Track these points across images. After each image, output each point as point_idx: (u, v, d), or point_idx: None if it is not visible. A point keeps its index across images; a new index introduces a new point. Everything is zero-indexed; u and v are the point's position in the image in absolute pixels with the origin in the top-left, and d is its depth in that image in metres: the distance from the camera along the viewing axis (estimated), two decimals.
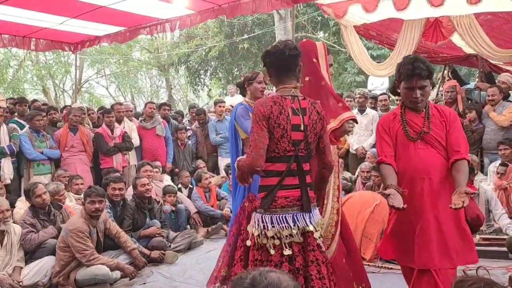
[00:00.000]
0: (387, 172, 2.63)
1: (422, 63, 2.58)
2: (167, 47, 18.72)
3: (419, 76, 2.55)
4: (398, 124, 2.70)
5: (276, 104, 2.37)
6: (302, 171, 2.42)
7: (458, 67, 8.63)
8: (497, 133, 5.93)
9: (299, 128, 2.39)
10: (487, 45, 6.10)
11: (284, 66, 2.47)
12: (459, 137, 2.61)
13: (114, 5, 6.63)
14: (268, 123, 2.35)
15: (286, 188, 2.39)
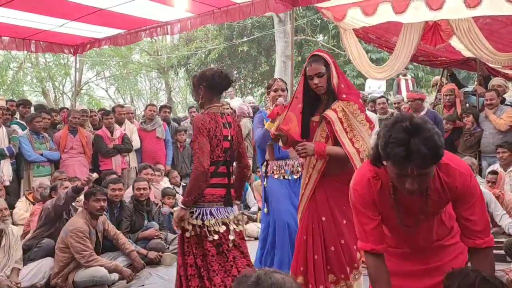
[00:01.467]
0: (379, 272, 1.95)
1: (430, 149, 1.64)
2: (167, 50, 18.75)
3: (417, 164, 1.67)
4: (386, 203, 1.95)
5: (212, 119, 2.94)
6: (230, 173, 3.04)
7: (457, 70, 8.64)
8: (495, 137, 5.94)
9: (228, 138, 3.00)
10: (486, 48, 6.11)
11: (216, 89, 3.00)
12: (476, 213, 1.87)
13: (114, 8, 6.64)
14: (208, 135, 2.89)
15: (214, 186, 2.95)
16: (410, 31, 6.44)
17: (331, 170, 2.87)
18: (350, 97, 2.85)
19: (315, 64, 2.83)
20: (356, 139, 2.77)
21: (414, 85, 10.81)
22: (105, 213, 4.73)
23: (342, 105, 2.82)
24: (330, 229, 2.89)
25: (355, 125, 2.79)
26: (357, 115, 2.81)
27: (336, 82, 2.84)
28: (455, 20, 6.08)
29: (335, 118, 2.79)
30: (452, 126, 6.32)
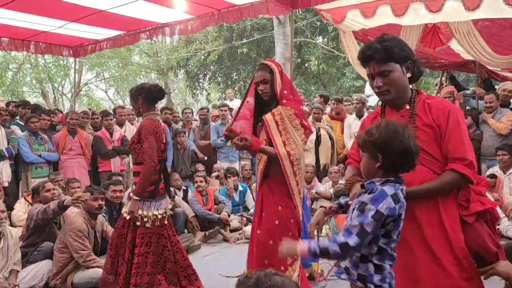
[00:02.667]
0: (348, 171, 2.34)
1: (381, 43, 2.04)
2: (166, 51, 18.75)
3: (375, 60, 2.04)
4: None
5: (157, 126, 3.47)
6: (166, 170, 3.70)
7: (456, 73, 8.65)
8: (495, 139, 5.95)
9: (163, 141, 3.53)
10: (485, 51, 6.13)
11: (154, 99, 3.54)
12: (458, 142, 1.97)
13: (114, 9, 6.64)
14: (155, 137, 3.38)
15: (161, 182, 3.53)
16: (410, 34, 6.45)
17: (270, 171, 3.08)
18: (289, 102, 3.08)
19: (261, 72, 3.11)
20: (289, 142, 2.98)
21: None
22: (104, 215, 4.73)
23: (281, 109, 3.05)
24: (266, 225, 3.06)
25: (289, 129, 3.02)
26: (292, 120, 3.04)
27: (279, 89, 3.08)
28: (454, 23, 6.10)
29: (271, 120, 3.02)
30: None
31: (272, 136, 2.99)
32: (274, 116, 3.02)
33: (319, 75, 16.51)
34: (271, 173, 3.08)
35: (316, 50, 15.35)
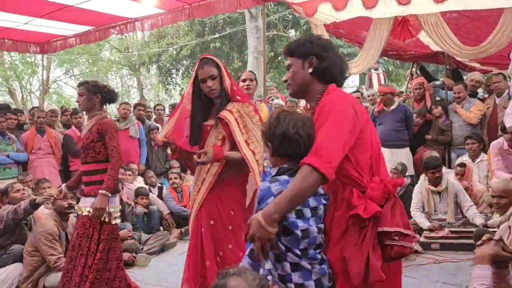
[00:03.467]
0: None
1: (294, 41, 2.11)
2: (138, 47, 18.46)
3: (283, 55, 2.17)
4: None
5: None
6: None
7: (426, 64, 8.80)
8: (464, 129, 6.09)
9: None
10: (453, 42, 6.23)
11: (110, 101, 3.57)
12: (320, 136, 1.81)
13: (82, 4, 6.48)
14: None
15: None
16: (380, 26, 6.51)
17: (227, 173, 2.86)
18: (244, 99, 2.90)
19: (207, 67, 2.81)
20: (251, 141, 2.79)
21: (386, 79, 10.99)
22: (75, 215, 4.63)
23: (237, 106, 2.83)
24: (219, 233, 2.86)
25: (250, 126, 2.82)
26: (252, 117, 2.84)
27: (228, 84, 2.85)
28: (423, 15, 6.18)
29: (232, 118, 2.79)
30: (422, 120, 6.43)
31: (235, 135, 2.78)
32: (233, 113, 2.81)
33: None
34: (226, 176, 2.87)
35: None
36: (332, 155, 1.74)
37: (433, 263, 4.28)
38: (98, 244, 3.35)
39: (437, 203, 5.14)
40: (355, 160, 1.87)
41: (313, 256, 1.78)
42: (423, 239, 4.77)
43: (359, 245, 1.83)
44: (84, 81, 3.65)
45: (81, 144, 3.45)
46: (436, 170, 5.05)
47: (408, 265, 4.25)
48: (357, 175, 1.87)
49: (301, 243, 1.75)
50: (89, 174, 3.45)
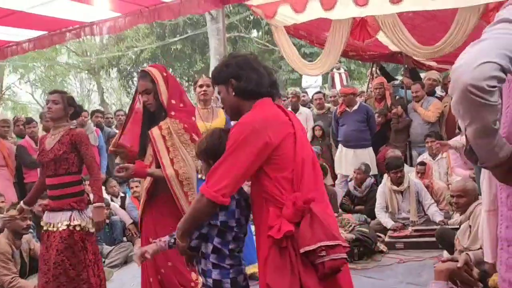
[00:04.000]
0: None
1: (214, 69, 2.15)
2: (96, 50, 17.97)
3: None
4: None
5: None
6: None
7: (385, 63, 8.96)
8: (423, 127, 6.22)
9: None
10: (410, 42, 6.35)
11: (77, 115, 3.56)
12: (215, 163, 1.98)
13: (32, 9, 6.21)
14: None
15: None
16: (339, 28, 6.55)
17: (158, 190, 2.77)
18: (179, 114, 2.77)
19: (141, 81, 2.81)
20: (177, 160, 2.68)
21: (348, 78, 11.13)
22: (31, 231, 4.42)
23: (169, 122, 2.74)
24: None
25: (177, 145, 2.72)
26: (181, 135, 2.74)
27: (166, 98, 2.76)
28: (381, 16, 6.26)
29: (158, 135, 2.71)
30: (384, 120, 6.52)
31: (159, 154, 2.68)
32: (161, 130, 2.71)
33: None
34: (159, 192, 2.77)
35: (251, 44, 15.35)
36: (220, 181, 1.81)
37: (398, 263, 4.32)
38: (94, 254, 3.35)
39: (400, 202, 5.21)
40: (274, 177, 1.85)
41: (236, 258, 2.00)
42: (388, 239, 4.82)
43: (281, 269, 1.80)
44: (59, 90, 3.52)
45: (52, 156, 3.24)
46: (398, 170, 5.12)
47: (374, 266, 4.30)
48: (277, 192, 1.85)
49: (230, 246, 1.97)
50: (61, 187, 3.29)
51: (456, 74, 1.18)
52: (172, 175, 2.65)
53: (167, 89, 2.77)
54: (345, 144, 6.28)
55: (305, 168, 1.88)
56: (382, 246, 4.68)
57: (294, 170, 1.86)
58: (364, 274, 4.09)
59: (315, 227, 1.78)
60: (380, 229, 5.05)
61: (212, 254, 1.97)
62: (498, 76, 1.13)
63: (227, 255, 1.97)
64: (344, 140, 6.28)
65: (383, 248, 4.66)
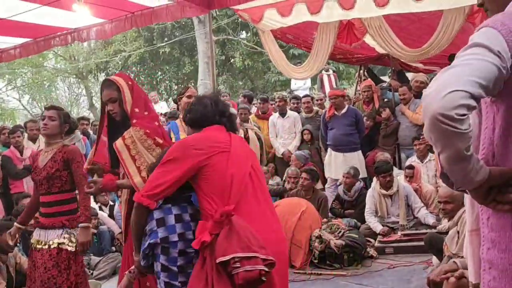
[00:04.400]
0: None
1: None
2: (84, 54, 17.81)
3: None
4: None
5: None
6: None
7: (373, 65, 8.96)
8: (411, 130, 6.21)
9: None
10: (397, 45, 6.35)
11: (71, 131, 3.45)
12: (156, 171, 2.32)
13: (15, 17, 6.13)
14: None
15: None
16: (326, 31, 6.54)
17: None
18: (140, 122, 2.79)
19: (106, 90, 2.83)
20: (144, 167, 2.68)
21: (336, 79, 11.14)
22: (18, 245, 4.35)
23: (132, 131, 2.75)
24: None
25: (142, 152, 2.72)
26: (143, 141, 2.74)
27: (129, 107, 2.78)
28: (367, 19, 6.26)
29: (121, 145, 2.72)
30: (372, 123, 6.52)
31: (124, 164, 2.70)
32: (125, 140, 2.72)
33: (245, 70, 16.50)
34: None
35: (239, 47, 15.31)
36: (148, 187, 2.13)
37: (388, 268, 4.31)
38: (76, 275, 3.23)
39: (389, 206, 5.21)
40: (206, 192, 2.09)
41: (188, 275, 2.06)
42: (377, 243, 4.81)
43: (198, 277, 1.98)
44: (54, 106, 3.51)
45: (45, 174, 3.19)
46: (386, 174, 5.11)
47: (364, 272, 4.28)
48: (207, 206, 2.06)
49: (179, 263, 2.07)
50: (55, 205, 3.24)
51: (426, 102, 1.17)
52: (140, 183, 2.63)
53: (132, 97, 2.78)
54: (334, 148, 6.27)
55: (235, 183, 2.07)
56: (372, 251, 4.67)
57: (224, 183, 2.07)
58: (354, 281, 4.09)
59: (231, 239, 1.93)
60: (370, 233, 5.04)
61: (163, 273, 2.06)
62: (467, 104, 1.12)
63: (177, 271, 2.04)
64: (333, 144, 6.27)
65: (373, 253, 4.65)
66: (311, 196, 5.43)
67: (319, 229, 4.64)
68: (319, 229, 4.64)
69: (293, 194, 5.57)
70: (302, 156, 6.37)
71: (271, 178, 6.77)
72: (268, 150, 7.13)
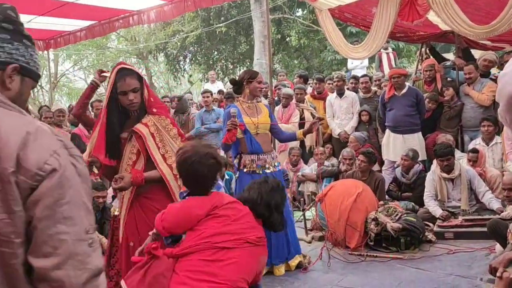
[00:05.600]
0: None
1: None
2: (144, 35, 18.35)
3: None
4: None
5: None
6: None
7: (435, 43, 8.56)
8: (477, 111, 5.93)
9: None
10: (463, 21, 6.00)
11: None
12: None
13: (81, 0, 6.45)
14: None
15: None
16: (387, 8, 6.30)
17: (142, 187, 2.74)
18: (160, 111, 2.79)
19: (129, 79, 2.65)
20: (169, 155, 2.69)
21: (396, 58, 10.74)
22: None
23: (153, 119, 2.72)
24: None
25: (167, 140, 2.73)
26: (169, 130, 2.75)
27: (147, 95, 2.74)
28: None
29: (147, 132, 2.68)
30: (435, 106, 6.26)
31: (150, 151, 2.69)
32: (149, 127, 2.70)
33: (301, 49, 16.30)
34: (143, 190, 2.75)
35: (295, 25, 15.12)
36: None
37: (447, 254, 4.21)
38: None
39: (450, 190, 5.04)
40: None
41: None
42: (436, 228, 4.69)
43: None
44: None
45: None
46: (444, 159, 4.92)
47: (422, 256, 4.21)
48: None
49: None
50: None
51: (502, 83, 1.13)
52: (167, 172, 2.68)
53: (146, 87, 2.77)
54: (393, 129, 6.12)
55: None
56: (431, 236, 4.56)
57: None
58: (411, 265, 4.03)
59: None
60: (428, 217, 4.92)
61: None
62: None
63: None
64: (392, 125, 6.11)
65: (432, 237, 4.54)
66: (367, 177, 5.37)
67: (375, 211, 4.60)
68: (375, 211, 4.60)
69: (349, 175, 5.53)
70: (361, 138, 6.28)
71: (328, 159, 6.75)
72: (323, 131, 7.09)
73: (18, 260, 1.01)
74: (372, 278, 3.84)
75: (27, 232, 1.02)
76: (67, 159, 1.07)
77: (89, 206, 1.10)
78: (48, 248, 1.01)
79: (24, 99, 1.23)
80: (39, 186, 1.01)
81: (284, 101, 6.81)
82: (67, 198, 1.04)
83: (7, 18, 1.19)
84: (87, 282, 1.05)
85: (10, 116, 1.08)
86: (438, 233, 4.60)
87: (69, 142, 1.12)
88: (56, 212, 1.02)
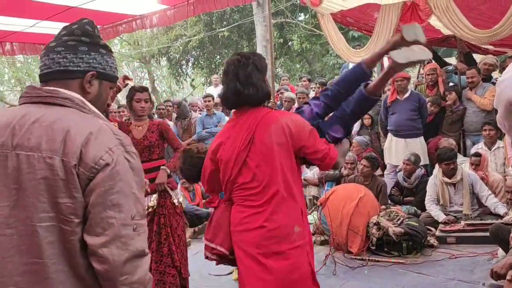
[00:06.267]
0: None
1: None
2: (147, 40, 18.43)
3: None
4: None
5: None
6: None
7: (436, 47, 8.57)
8: (479, 115, 5.93)
9: None
10: (465, 26, 6.02)
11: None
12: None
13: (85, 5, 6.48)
14: None
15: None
16: (389, 13, 6.33)
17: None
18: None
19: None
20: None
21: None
22: None
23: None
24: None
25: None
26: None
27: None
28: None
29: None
30: (437, 110, 6.27)
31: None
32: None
33: (303, 53, 16.34)
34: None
35: (297, 29, 15.16)
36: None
37: (449, 258, 4.21)
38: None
39: (452, 194, 5.04)
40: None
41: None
42: (439, 232, 4.69)
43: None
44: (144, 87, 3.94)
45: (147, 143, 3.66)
46: (450, 162, 4.93)
47: (424, 261, 4.21)
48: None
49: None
50: (155, 170, 3.69)
51: (500, 89, 1.13)
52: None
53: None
54: (395, 133, 6.12)
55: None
56: (433, 240, 4.57)
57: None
58: (413, 269, 4.03)
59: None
60: (430, 222, 4.92)
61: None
62: None
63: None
64: (395, 129, 6.11)
65: (434, 242, 4.54)
66: (369, 182, 5.37)
67: (377, 216, 4.60)
68: (377, 216, 4.60)
69: (350, 180, 5.53)
70: (363, 142, 6.29)
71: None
72: None
73: (76, 237, 1.24)
74: (373, 282, 3.84)
75: (84, 214, 1.24)
76: (121, 155, 1.27)
77: (139, 196, 1.29)
78: (99, 229, 1.22)
79: (103, 99, 1.46)
80: (94, 177, 1.23)
81: (286, 105, 6.83)
82: (117, 188, 1.24)
83: (84, 33, 1.42)
84: (127, 261, 1.23)
85: (81, 118, 1.30)
86: (440, 238, 4.60)
87: (127, 140, 1.32)
88: (107, 200, 1.23)
